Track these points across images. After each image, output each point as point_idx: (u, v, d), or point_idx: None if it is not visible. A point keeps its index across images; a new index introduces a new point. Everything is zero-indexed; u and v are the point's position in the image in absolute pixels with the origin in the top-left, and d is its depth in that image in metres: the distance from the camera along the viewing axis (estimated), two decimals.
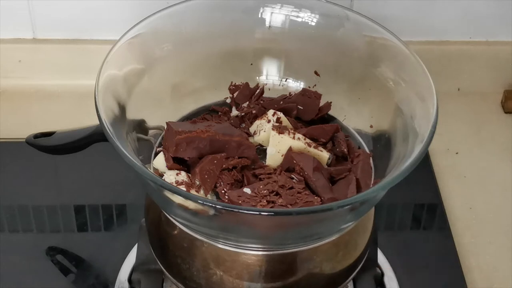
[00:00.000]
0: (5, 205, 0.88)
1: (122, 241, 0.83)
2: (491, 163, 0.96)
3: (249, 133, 0.72)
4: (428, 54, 0.94)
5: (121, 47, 0.68)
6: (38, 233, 0.86)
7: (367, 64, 0.73)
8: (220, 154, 0.65)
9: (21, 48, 1.01)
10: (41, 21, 1.00)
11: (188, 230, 0.65)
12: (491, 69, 1.04)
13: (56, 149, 0.75)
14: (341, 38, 0.75)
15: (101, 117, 0.61)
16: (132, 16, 0.73)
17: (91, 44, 1.01)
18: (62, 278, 0.80)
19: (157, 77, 0.72)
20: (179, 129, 0.65)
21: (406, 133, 0.66)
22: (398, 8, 0.99)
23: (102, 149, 0.68)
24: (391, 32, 0.71)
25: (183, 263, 0.67)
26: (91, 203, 0.88)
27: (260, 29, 0.77)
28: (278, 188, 0.63)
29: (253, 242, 0.64)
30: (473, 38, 1.03)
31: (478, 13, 1.00)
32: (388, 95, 0.71)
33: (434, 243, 0.86)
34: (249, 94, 0.76)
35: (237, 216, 0.58)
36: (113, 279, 0.79)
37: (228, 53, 0.76)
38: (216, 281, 0.66)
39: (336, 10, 0.75)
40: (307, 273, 0.66)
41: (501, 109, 1.03)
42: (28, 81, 1.02)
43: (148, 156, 0.69)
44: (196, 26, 0.75)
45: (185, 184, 0.63)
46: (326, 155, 0.68)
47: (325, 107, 0.75)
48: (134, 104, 0.68)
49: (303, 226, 0.62)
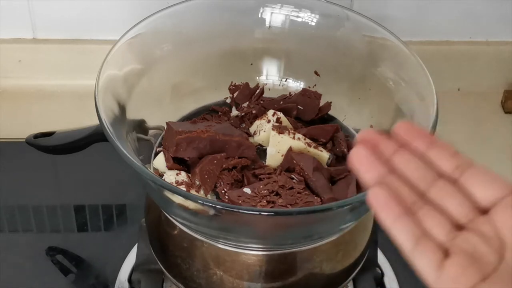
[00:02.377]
0: (5, 205, 0.87)
1: (122, 241, 0.82)
2: (491, 163, 0.95)
3: (249, 133, 0.72)
4: (428, 54, 0.94)
5: (121, 47, 0.68)
6: (38, 233, 0.86)
7: (367, 64, 0.73)
8: (220, 154, 0.65)
9: (21, 48, 1.01)
10: (41, 21, 1.00)
11: (188, 230, 0.65)
12: (491, 69, 1.04)
13: (56, 149, 0.75)
14: (341, 38, 0.75)
15: (101, 117, 0.61)
16: (132, 16, 0.73)
17: (91, 44, 1.00)
18: (62, 278, 0.80)
19: (157, 77, 0.72)
20: (179, 129, 0.65)
21: None
22: (398, 8, 0.99)
23: (102, 149, 0.68)
24: (391, 32, 0.71)
25: (183, 263, 0.67)
26: (91, 203, 0.88)
27: (260, 29, 0.77)
28: (278, 188, 0.63)
29: (253, 242, 0.64)
30: (473, 38, 1.03)
31: (478, 13, 1.00)
32: (388, 95, 0.71)
33: None
34: (249, 94, 0.76)
35: (237, 216, 0.57)
36: (113, 279, 0.79)
37: (228, 53, 0.76)
38: (216, 281, 0.66)
39: (336, 10, 0.75)
40: (307, 273, 0.66)
41: (501, 109, 1.03)
42: (28, 81, 1.02)
43: (148, 156, 0.69)
44: (196, 26, 0.75)
45: (185, 184, 0.63)
46: (326, 155, 0.68)
47: (325, 107, 0.75)
48: (134, 104, 0.68)
49: (303, 226, 0.62)
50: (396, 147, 0.43)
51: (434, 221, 0.41)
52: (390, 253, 0.82)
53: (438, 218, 0.41)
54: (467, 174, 0.42)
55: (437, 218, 0.41)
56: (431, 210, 0.42)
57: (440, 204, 0.42)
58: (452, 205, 0.42)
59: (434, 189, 0.42)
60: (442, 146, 0.43)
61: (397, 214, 0.41)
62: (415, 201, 0.42)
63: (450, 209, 0.42)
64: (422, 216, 0.41)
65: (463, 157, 0.43)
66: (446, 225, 0.41)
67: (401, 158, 0.43)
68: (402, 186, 0.42)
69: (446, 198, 0.42)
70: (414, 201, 0.42)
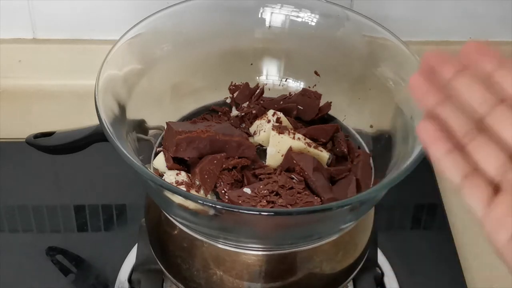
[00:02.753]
0: (5, 205, 0.87)
1: (122, 241, 0.82)
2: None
3: (249, 133, 0.72)
4: None
5: (121, 47, 0.68)
6: (38, 233, 0.86)
7: (367, 64, 0.73)
8: (220, 154, 0.65)
9: (21, 48, 1.01)
10: (41, 21, 1.00)
11: (188, 230, 0.65)
12: None
13: (56, 149, 0.75)
14: (341, 38, 0.75)
15: (101, 117, 0.61)
16: (132, 16, 0.73)
17: (91, 44, 1.00)
18: (62, 278, 0.80)
19: (157, 77, 0.72)
20: (179, 129, 0.65)
21: (406, 133, 0.66)
22: (398, 8, 0.99)
23: (102, 149, 0.68)
24: (391, 32, 0.71)
25: (183, 263, 0.67)
26: (91, 203, 0.88)
27: (260, 29, 0.77)
28: (278, 188, 0.63)
29: (253, 242, 0.64)
30: (473, 38, 1.03)
31: (478, 13, 1.00)
32: (388, 95, 0.71)
33: (434, 243, 0.86)
34: (249, 94, 0.76)
35: (237, 216, 0.57)
36: (113, 279, 0.79)
37: (228, 53, 0.76)
38: (216, 281, 0.66)
39: (336, 10, 0.75)
40: (307, 273, 0.66)
41: None
42: (28, 81, 1.02)
43: (148, 156, 0.69)
44: (196, 26, 0.75)
45: (185, 184, 0.63)
46: (326, 155, 0.68)
47: (325, 107, 0.75)
48: (134, 104, 0.68)
49: (303, 226, 0.62)
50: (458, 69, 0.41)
51: (487, 152, 0.39)
52: (390, 253, 0.82)
53: (491, 149, 0.39)
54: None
55: (490, 149, 0.39)
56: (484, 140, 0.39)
57: (498, 131, 0.39)
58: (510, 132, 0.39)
59: (494, 114, 0.40)
60: None
61: (446, 150, 0.40)
62: (469, 131, 0.40)
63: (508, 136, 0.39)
64: (474, 148, 0.40)
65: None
66: (499, 156, 0.39)
67: (462, 81, 0.40)
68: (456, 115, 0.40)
69: (505, 124, 0.39)
70: (468, 131, 0.40)
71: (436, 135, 0.40)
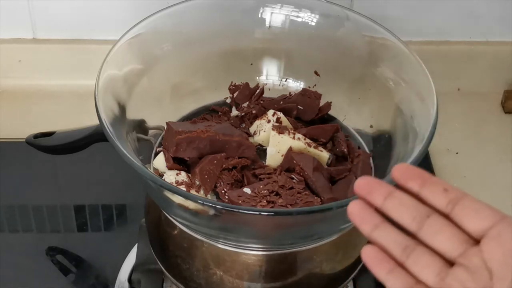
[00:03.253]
0: (5, 205, 0.87)
1: (122, 241, 0.82)
2: (491, 163, 0.96)
3: (249, 133, 0.72)
4: (428, 54, 0.94)
5: (121, 47, 0.68)
6: (38, 233, 0.86)
7: (367, 64, 0.73)
8: (220, 154, 0.65)
9: (21, 48, 1.01)
10: (41, 21, 1.00)
11: (188, 230, 0.65)
12: (491, 69, 1.04)
13: (56, 149, 0.75)
14: (341, 38, 0.75)
15: (101, 117, 0.61)
16: (132, 16, 0.73)
17: (91, 44, 1.00)
18: (62, 278, 0.80)
19: (157, 77, 0.72)
20: (179, 129, 0.65)
21: (406, 133, 0.66)
22: (398, 8, 0.99)
23: (102, 149, 0.68)
24: (391, 32, 0.71)
25: (183, 263, 0.67)
26: (91, 203, 0.88)
27: (260, 29, 0.77)
28: (278, 188, 0.63)
29: (253, 242, 0.64)
30: (473, 38, 1.03)
31: (478, 13, 1.00)
32: (388, 95, 0.71)
33: None
34: (249, 94, 0.76)
35: (237, 216, 0.57)
36: (113, 279, 0.79)
37: (228, 53, 0.76)
38: (216, 281, 0.66)
39: (336, 10, 0.75)
40: (307, 273, 0.66)
41: (501, 109, 1.03)
42: (28, 81, 1.02)
43: (148, 156, 0.69)
44: (196, 26, 0.75)
45: (185, 184, 0.63)
46: (326, 155, 0.68)
47: (325, 107, 0.75)
48: (134, 104, 0.68)
49: (303, 226, 0.62)
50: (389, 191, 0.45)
51: (425, 263, 0.43)
52: None
53: (428, 259, 0.43)
54: (458, 206, 0.44)
55: (428, 260, 0.43)
56: (421, 252, 0.44)
57: (432, 242, 0.44)
58: (443, 240, 0.44)
59: (426, 226, 0.44)
60: (434, 183, 0.45)
61: (388, 269, 0.44)
62: (407, 245, 0.44)
63: (441, 245, 0.44)
64: (412, 261, 0.44)
65: (455, 190, 0.44)
66: (436, 265, 0.43)
67: (393, 202, 0.45)
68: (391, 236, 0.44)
69: (438, 234, 0.44)
70: (406, 246, 0.44)
71: (378, 258, 0.45)
